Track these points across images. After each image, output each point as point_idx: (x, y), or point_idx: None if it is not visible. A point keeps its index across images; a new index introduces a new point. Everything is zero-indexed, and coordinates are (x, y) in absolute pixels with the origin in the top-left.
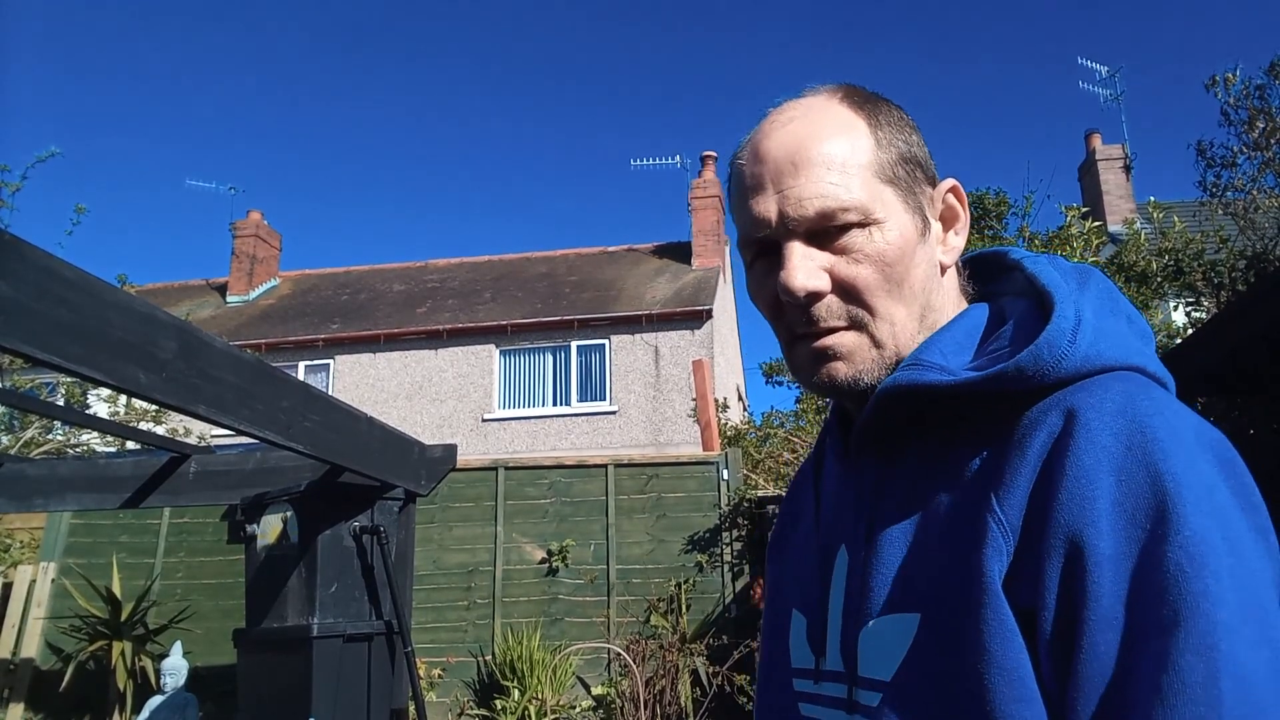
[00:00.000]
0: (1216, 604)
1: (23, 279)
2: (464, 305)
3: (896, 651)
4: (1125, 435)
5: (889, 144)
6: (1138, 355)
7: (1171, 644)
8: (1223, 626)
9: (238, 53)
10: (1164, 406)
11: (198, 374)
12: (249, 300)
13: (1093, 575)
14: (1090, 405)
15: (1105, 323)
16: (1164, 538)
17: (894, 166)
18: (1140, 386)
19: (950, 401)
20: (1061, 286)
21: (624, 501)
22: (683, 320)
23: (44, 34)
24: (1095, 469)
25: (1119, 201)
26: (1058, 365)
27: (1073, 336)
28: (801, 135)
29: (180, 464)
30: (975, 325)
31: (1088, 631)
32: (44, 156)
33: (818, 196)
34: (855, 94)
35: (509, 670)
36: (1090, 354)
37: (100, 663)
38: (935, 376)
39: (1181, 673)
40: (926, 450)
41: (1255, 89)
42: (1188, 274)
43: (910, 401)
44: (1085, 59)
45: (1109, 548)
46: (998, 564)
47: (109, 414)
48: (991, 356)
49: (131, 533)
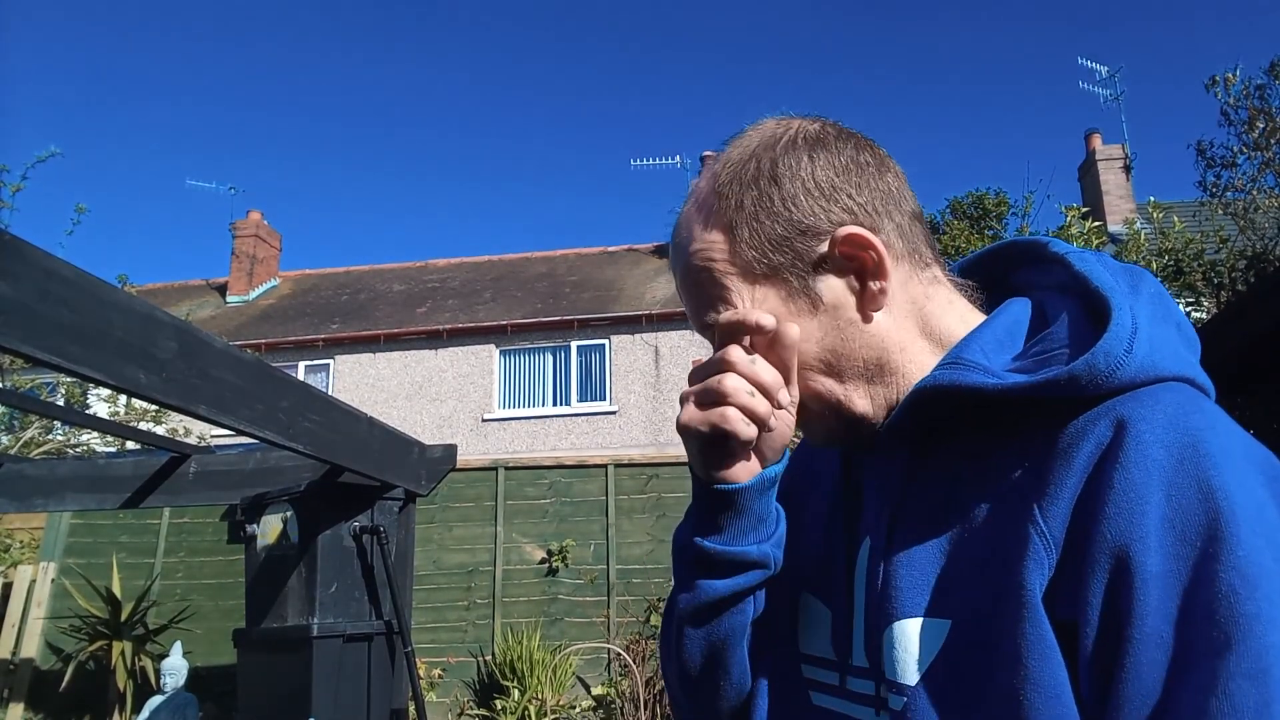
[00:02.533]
0: (1270, 627)
1: (23, 279)
2: (464, 305)
3: (924, 656)
4: (1177, 449)
5: (753, 238)
6: (1188, 366)
7: (1222, 667)
8: (1276, 650)
9: (238, 53)
10: (1215, 421)
11: (198, 374)
12: (249, 300)
13: (1139, 592)
14: (1141, 417)
15: (1158, 331)
16: (1215, 556)
17: (766, 258)
18: (1191, 399)
19: (991, 404)
20: (1117, 290)
21: (624, 501)
22: (683, 320)
23: (44, 34)
24: (1145, 483)
25: (1119, 201)
26: (1112, 375)
27: (1129, 345)
28: (685, 268)
29: (180, 464)
30: (1017, 322)
31: (1132, 650)
32: (44, 156)
33: (716, 324)
34: (718, 188)
35: (509, 670)
36: (1145, 364)
37: (100, 663)
38: (978, 378)
39: (1232, 697)
40: (962, 451)
41: (1255, 89)
42: (1188, 274)
43: (949, 402)
44: (1085, 59)
45: (1157, 565)
46: (1039, 577)
47: (109, 414)
48: (1038, 359)
49: (131, 533)
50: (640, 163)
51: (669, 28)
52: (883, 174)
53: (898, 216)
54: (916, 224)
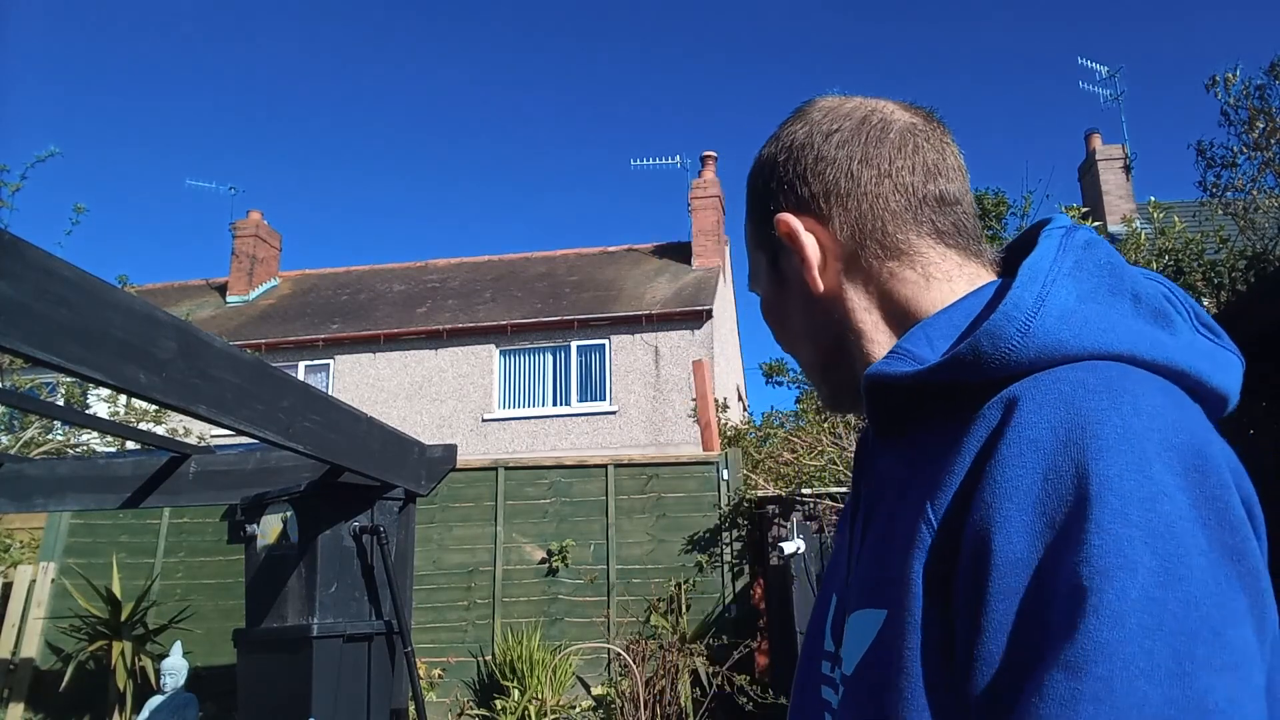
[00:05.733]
0: (1105, 623)
1: (23, 279)
2: (464, 305)
3: (861, 646)
4: (1064, 430)
5: (752, 214)
6: (1127, 340)
7: (1047, 655)
8: (1103, 648)
9: (238, 53)
10: (1124, 401)
11: (198, 374)
12: (249, 300)
13: (993, 576)
14: (1030, 397)
15: (1089, 307)
16: (1070, 544)
17: (755, 235)
18: (1104, 378)
19: (918, 392)
20: (1040, 264)
21: (624, 501)
22: (683, 320)
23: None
24: (1019, 465)
25: (1119, 201)
26: (1006, 356)
27: (1024, 325)
28: None
29: (180, 464)
30: (975, 306)
31: (981, 638)
32: (44, 156)
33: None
34: (753, 182)
35: (509, 670)
36: (1050, 343)
37: (100, 663)
38: (901, 367)
39: (1043, 687)
40: (913, 441)
41: (1255, 89)
42: (1188, 274)
43: (885, 394)
44: (1085, 59)
45: (1019, 550)
46: (919, 564)
47: (109, 414)
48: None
49: (131, 533)
50: (640, 163)
51: (669, 28)
52: (866, 165)
53: (865, 204)
54: (916, 210)
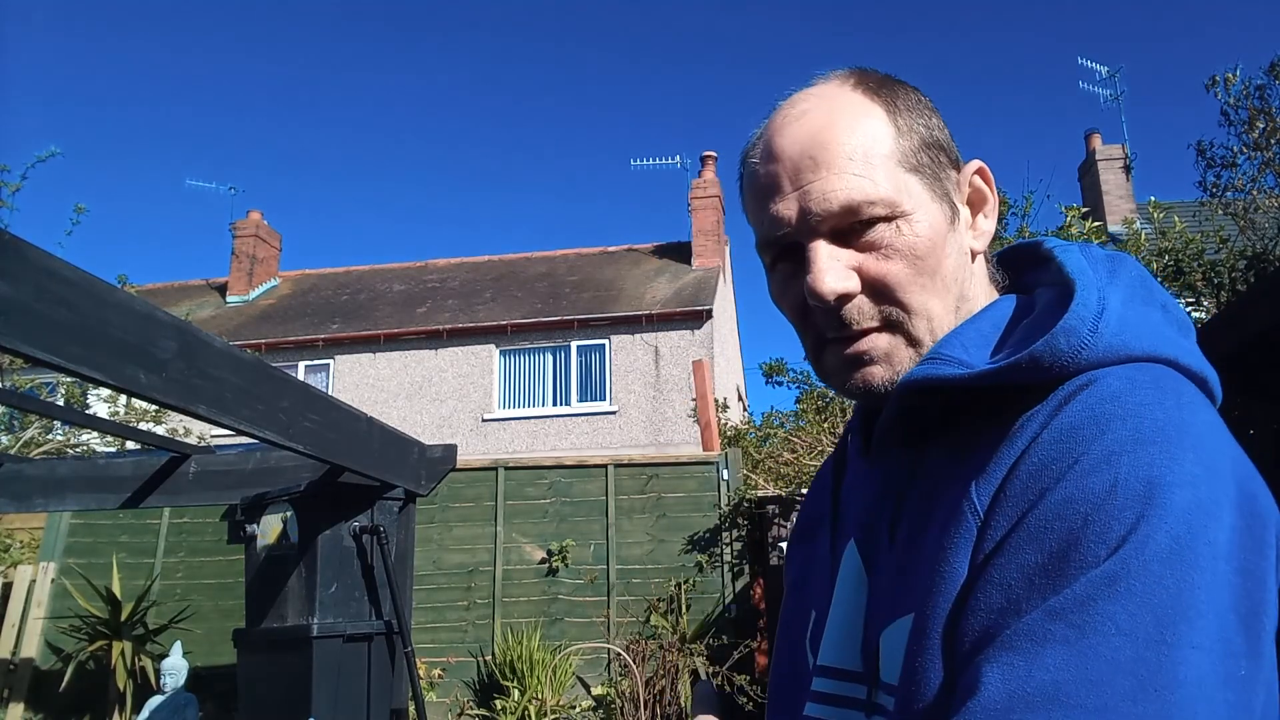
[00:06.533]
0: (1113, 597)
1: (23, 279)
2: (464, 305)
3: (900, 654)
4: (1104, 420)
5: (910, 130)
6: (1169, 346)
7: (1043, 602)
8: (1104, 616)
9: (238, 53)
10: (1168, 399)
11: (198, 374)
12: (249, 300)
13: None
14: (1086, 390)
15: (1134, 311)
16: (1147, 515)
17: (917, 154)
18: (1153, 377)
19: (970, 396)
20: (1086, 273)
21: (624, 501)
22: (683, 320)
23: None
24: (1070, 446)
25: (1119, 201)
26: (1077, 355)
27: (1094, 325)
28: (818, 127)
29: (180, 464)
30: (1002, 317)
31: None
32: (44, 156)
33: (841, 190)
34: (869, 79)
35: (509, 670)
36: (1114, 344)
37: (100, 663)
38: (951, 370)
39: (1026, 621)
40: (949, 447)
41: (1255, 89)
42: (1188, 274)
43: (928, 397)
44: (1085, 59)
45: (1091, 489)
46: (965, 549)
47: (109, 414)
48: (1012, 348)
49: (131, 533)
50: (640, 163)
51: (669, 28)
52: None
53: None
54: None
